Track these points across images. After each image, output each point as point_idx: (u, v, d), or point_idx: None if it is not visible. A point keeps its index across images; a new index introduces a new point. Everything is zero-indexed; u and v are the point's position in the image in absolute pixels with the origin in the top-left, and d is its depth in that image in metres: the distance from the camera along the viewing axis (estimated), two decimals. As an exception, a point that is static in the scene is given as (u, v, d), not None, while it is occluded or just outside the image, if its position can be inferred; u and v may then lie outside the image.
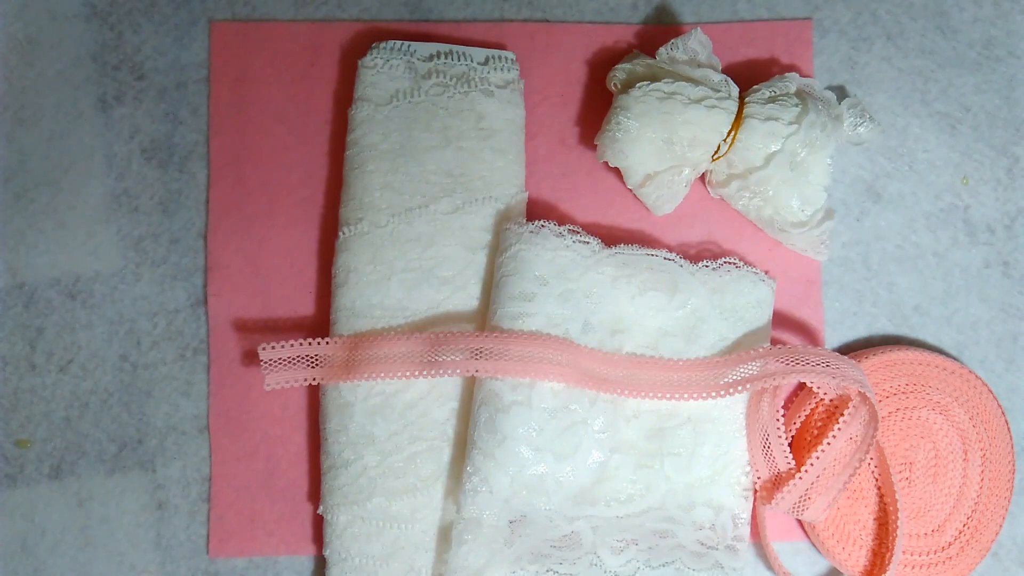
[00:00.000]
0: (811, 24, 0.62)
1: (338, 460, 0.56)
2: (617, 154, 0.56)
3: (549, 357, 0.54)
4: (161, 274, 0.60)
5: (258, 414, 0.59)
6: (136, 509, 0.59)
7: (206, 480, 0.59)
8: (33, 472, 0.59)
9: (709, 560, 0.56)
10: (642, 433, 0.56)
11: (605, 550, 0.55)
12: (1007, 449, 0.59)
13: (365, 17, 0.62)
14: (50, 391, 0.60)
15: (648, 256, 0.57)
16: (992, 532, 0.58)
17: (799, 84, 0.58)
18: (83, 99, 0.61)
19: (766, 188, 0.57)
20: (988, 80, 0.62)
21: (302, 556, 0.59)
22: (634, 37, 0.62)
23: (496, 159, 0.58)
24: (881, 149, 0.62)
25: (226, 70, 0.61)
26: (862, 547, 0.58)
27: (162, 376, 0.60)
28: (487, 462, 0.54)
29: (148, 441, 0.59)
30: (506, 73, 0.59)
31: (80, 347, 0.60)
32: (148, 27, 0.61)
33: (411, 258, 0.57)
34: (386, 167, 0.58)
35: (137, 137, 0.61)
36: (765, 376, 0.55)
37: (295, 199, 0.60)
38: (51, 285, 0.60)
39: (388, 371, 0.55)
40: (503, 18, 0.62)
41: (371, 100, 0.58)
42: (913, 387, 0.59)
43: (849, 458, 0.56)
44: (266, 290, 0.60)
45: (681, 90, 0.56)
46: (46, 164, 0.61)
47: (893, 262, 0.61)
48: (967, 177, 0.62)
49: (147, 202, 0.61)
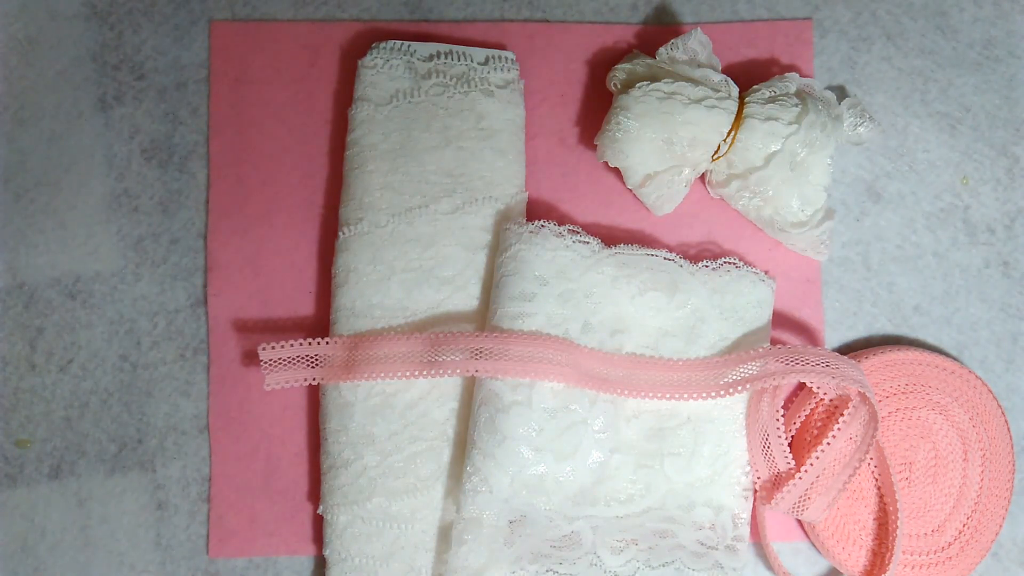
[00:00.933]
0: (811, 24, 0.62)
1: (338, 460, 0.56)
2: (617, 154, 0.56)
3: (549, 357, 0.54)
4: (161, 274, 0.60)
5: (258, 414, 0.59)
6: (136, 509, 0.59)
7: (206, 480, 0.59)
8: (33, 472, 0.59)
9: (709, 560, 0.56)
10: (642, 433, 0.56)
11: (605, 550, 0.55)
12: (1007, 449, 0.59)
13: (365, 17, 0.62)
14: (50, 391, 0.60)
15: (648, 256, 0.57)
16: (992, 532, 0.58)
17: (799, 84, 0.58)
18: (83, 99, 0.61)
19: (766, 188, 0.57)
20: (988, 80, 0.62)
21: (302, 556, 0.59)
22: (634, 37, 0.62)
23: (496, 159, 0.58)
24: (881, 149, 0.62)
25: (226, 70, 0.61)
26: (862, 547, 0.58)
27: (162, 376, 0.60)
28: (487, 462, 0.54)
29: (148, 441, 0.59)
30: (506, 73, 0.59)
31: (80, 347, 0.60)
32: (148, 27, 0.61)
33: (411, 258, 0.57)
34: (386, 167, 0.58)
35: (137, 137, 0.61)
36: (765, 376, 0.55)
37: (295, 199, 0.60)
38: (51, 285, 0.60)
39: (388, 371, 0.55)
40: (503, 18, 0.62)
41: (371, 100, 0.58)
42: (913, 387, 0.59)
43: (849, 458, 0.56)
44: (266, 290, 0.60)
45: (681, 90, 0.56)
46: (46, 164, 0.61)
47: (893, 262, 0.61)
48: (967, 177, 0.62)
49: (147, 202, 0.61)
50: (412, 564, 0.56)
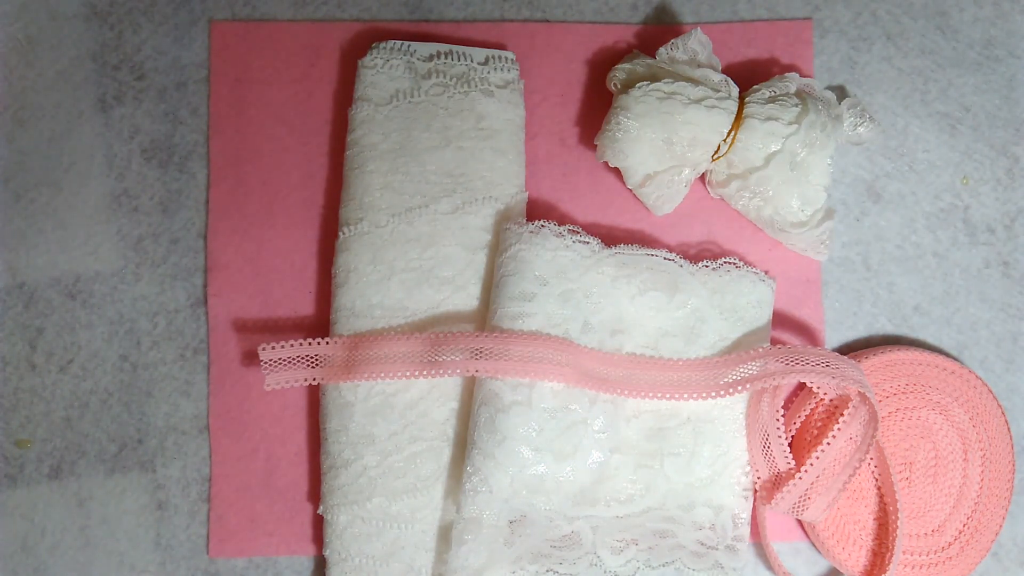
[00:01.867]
0: (811, 24, 0.62)
1: (338, 460, 0.56)
2: (617, 154, 0.56)
3: (549, 357, 0.54)
4: (161, 274, 0.60)
5: (258, 414, 0.59)
6: (136, 509, 0.59)
7: (206, 480, 0.59)
8: (33, 472, 0.59)
9: (709, 560, 0.56)
10: (642, 433, 0.56)
11: (605, 550, 0.55)
12: (1007, 449, 0.59)
13: (365, 17, 0.62)
14: (50, 391, 0.60)
15: (648, 256, 0.57)
16: (992, 532, 0.58)
17: (799, 84, 0.58)
18: (83, 99, 0.61)
19: (766, 188, 0.57)
20: (988, 80, 0.62)
21: (302, 556, 0.59)
22: (634, 37, 0.62)
23: (496, 159, 0.58)
24: (881, 149, 0.62)
25: (226, 70, 0.61)
26: (862, 547, 0.58)
27: (162, 376, 0.60)
28: (487, 462, 0.54)
29: (148, 441, 0.59)
30: (506, 73, 0.59)
31: (80, 347, 0.60)
32: (148, 27, 0.61)
33: (411, 258, 0.57)
34: (386, 167, 0.58)
35: (137, 137, 0.61)
36: (765, 376, 0.55)
37: (295, 199, 0.60)
38: (51, 285, 0.60)
39: (388, 371, 0.55)
40: (503, 18, 0.62)
41: (371, 100, 0.58)
42: (913, 387, 0.59)
43: (849, 458, 0.56)
44: (266, 290, 0.60)
45: (681, 90, 0.56)
46: (46, 164, 0.61)
47: (893, 262, 0.61)
48: (967, 177, 0.62)
49: (147, 202, 0.61)
50: (412, 564, 0.56)
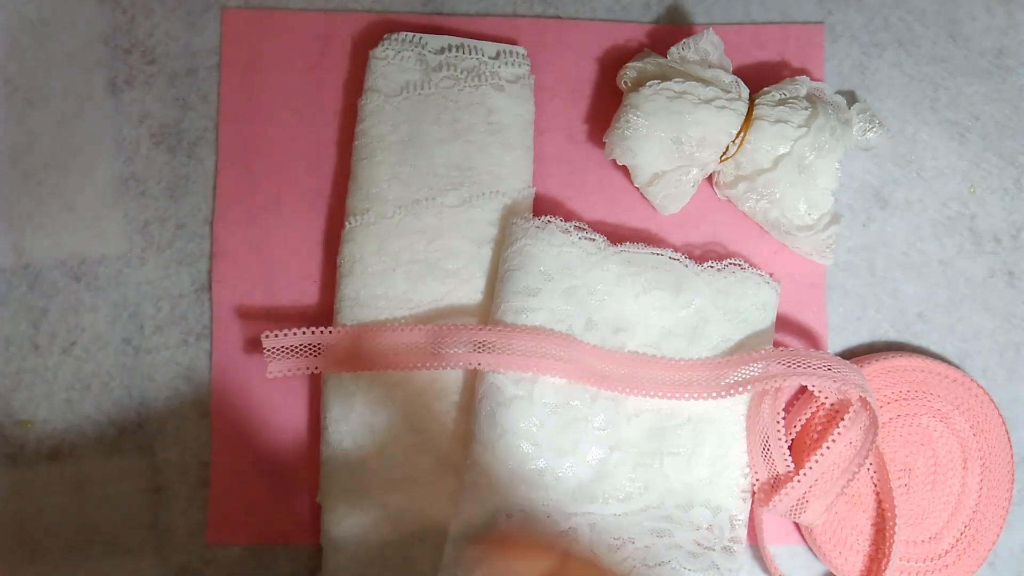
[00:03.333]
0: (823, 28, 0.62)
1: (338, 449, 0.56)
2: (625, 152, 0.56)
3: (551, 353, 0.54)
4: (166, 259, 0.60)
5: (259, 401, 0.59)
6: (134, 492, 0.59)
7: (205, 466, 0.59)
8: (32, 453, 0.59)
9: (705, 561, 0.56)
10: (642, 432, 0.56)
11: (602, 548, 0.55)
12: (1007, 459, 0.59)
13: (378, 8, 0.62)
14: (52, 372, 0.60)
15: (653, 255, 0.57)
16: (989, 541, 0.58)
17: (809, 87, 0.58)
18: (93, 82, 0.61)
19: (773, 190, 0.57)
20: (998, 89, 0.62)
21: (299, 544, 0.59)
22: (645, 36, 0.62)
23: (504, 154, 0.58)
24: (889, 155, 0.62)
25: (237, 57, 0.61)
26: (859, 552, 0.58)
27: (164, 361, 0.60)
28: (487, 455, 0.54)
29: (148, 425, 0.59)
30: (517, 68, 0.59)
31: (83, 329, 0.60)
32: (160, 12, 0.61)
33: (417, 250, 0.57)
34: (394, 158, 0.58)
35: (146, 121, 0.61)
36: (767, 378, 0.55)
37: (302, 188, 0.60)
38: (56, 267, 0.60)
39: (390, 362, 0.55)
40: (515, 13, 0.62)
41: (381, 91, 0.59)
42: (914, 394, 0.59)
43: (848, 462, 0.56)
44: (271, 278, 0.60)
45: (691, 90, 0.56)
46: (55, 146, 0.61)
47: (898, 268, 0.61)
48: (974, 186, 0.62)
49: (154, 187, 0.61)
50: (408, 555, 0.56)
